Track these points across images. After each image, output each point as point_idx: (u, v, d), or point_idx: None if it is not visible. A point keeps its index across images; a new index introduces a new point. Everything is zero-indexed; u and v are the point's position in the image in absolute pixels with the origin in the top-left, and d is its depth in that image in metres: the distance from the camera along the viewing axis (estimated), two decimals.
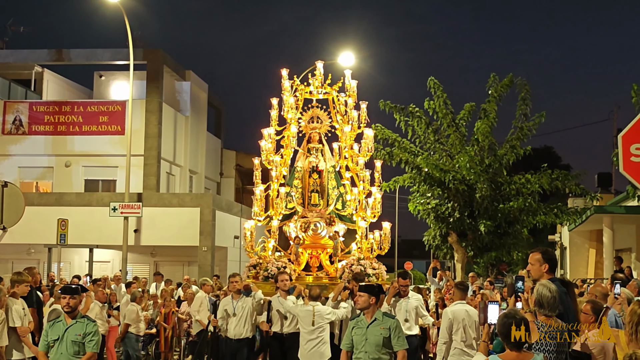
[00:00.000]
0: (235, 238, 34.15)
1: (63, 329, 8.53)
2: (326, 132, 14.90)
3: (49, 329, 8.65)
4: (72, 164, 35.32)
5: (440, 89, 22.70)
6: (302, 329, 11.38)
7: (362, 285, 8.95)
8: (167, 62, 36.18)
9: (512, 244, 22.44)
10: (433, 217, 22.50)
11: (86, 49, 36.93)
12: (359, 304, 8.83)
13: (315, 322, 11.23)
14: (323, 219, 14.11)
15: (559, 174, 21.85)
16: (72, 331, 8.50)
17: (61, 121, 35.08)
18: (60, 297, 8.86)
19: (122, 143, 32.25)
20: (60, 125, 35.08)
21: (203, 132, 41.20)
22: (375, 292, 8.73)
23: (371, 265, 13.45)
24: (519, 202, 21.38)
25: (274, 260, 13.73)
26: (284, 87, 14.54)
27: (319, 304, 11.48)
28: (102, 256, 32.75)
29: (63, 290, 8.70)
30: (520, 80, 22.76)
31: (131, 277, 26.08)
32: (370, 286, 8.89)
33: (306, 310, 11.41)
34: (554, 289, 6.12)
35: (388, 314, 8.95)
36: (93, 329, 8.53)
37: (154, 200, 31.78)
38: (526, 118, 22.58)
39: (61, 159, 35.27)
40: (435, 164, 21.40)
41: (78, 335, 8.45)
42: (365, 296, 8.70)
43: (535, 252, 6.75)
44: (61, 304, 8.73)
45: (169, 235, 31.34)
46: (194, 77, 39.62)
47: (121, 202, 28.66)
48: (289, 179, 14.74)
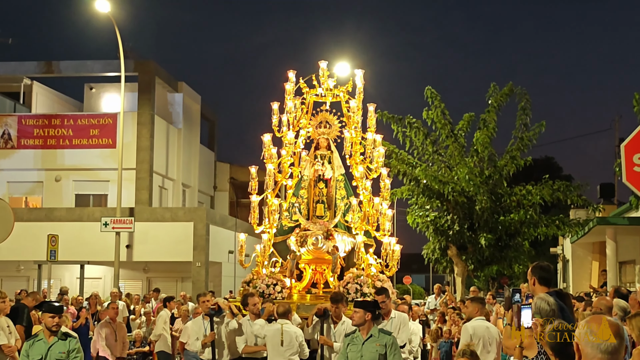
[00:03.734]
0: (230, 253, 34.06)
1: (45, 348, 8.45)
2: (335, 137, 14.26)
3: (29, 349, 8.52)
4: (62, 179, 35.24)
5: (437, 98, 22.70)
6: (270, 352, 10.64)
7: (357, 301, 8.93)
8: (159, 74, 36.18)
9: (514, 257, 22.43)
10: (432, 230, 22.49)
11: (76, 61, 36.93)
12: (354, 320, 8.76)
13: (284, 342, 10.50)
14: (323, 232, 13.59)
15: (560, 185, 21.87)
16: (55, 349, 8.43)
17: (51, 135, 35.04)
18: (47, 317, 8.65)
19: (114, 156, 32.23)
20: (50, 138, 35.04)
21: (196, 145, 41.17)
22: (371, 308, 8.69)
23: (372, 283, 12.96)
24: (520, 214, 21.39)
25: (266, 277, 13.34)
26: (287, 91, 13.96)
27: (287, 322, 10.77)
28: (94, 273, 32.60)
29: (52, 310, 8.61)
30: (520, 90, 22.81)
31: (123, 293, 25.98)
32: (365, 302, 8.87)
33: (274, 329, 10.68)
34: (552, 302, 6.15)
35: (384, 331, 8.89)
36: (76, 345, 8.49)
37: (146, 214, 31.71)
38: (526, 128, 22.61)
39: (51, 173, 35.20)
40: (433, 176, 21.40)
41: (62, 354, 8.40)
42: (361, 312, 8.67)
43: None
44: (49, 324, 8.57)
45: (161, 251, 31.25)
46: (186, 89, 39.62)
47: (113, 217, 28.59)
48: (295, 189, 14.35)
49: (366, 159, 13.87)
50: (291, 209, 14.01)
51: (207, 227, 31.76)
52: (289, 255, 13.60)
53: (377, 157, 13.73)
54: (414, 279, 55.14)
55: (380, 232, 13.49)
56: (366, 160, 13.86)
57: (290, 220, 13.99)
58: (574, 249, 29.64)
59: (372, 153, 13.76)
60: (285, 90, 14.06)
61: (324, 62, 14.16)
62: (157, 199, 36.22)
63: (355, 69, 14.43)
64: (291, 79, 14.15)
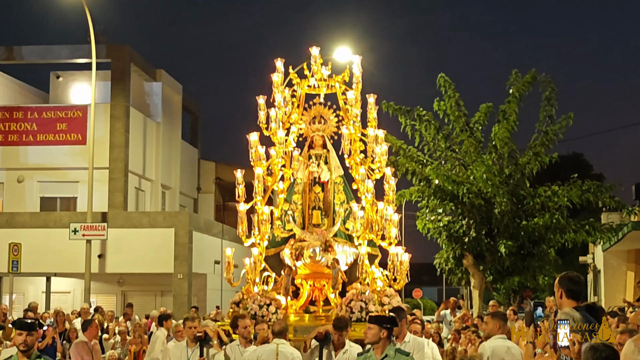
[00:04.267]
0: (216, 263, 34.00)
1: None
2: (332, 134, 14.03)
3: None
4: (26, 179, 35.11)
5: (451, 87, 22.66)
6: None
7: (372, 316, 8.82)
8: (134, 60, 36.07)
9: (538, 267, 22.40)
10: (445, 237, 22.43)
11: (41, 46, 36.85)
12: (367, 338, 8.69)
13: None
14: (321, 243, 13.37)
15: (590, 185, 21.80)
16: None
17: (12, 129, 34.89)
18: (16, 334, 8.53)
19: (84, 154, 32.07)
20: (12, 134, 34.89)
21: (177, 141, 41.10)
22: (387, 324, 8.54)
23: (379, 299, 12.79)
24: (544, 219, 21.30)
25: (258, 296, 13.10)
26: (275, 82, 13.71)
27: (284, 342, 10.55)
28: (61, 286, 32.53)
29: (18, 326, 8.45)
30: (545, 77, 22.79)
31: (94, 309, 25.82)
32: (381, 317, 8.78)
33: (268, 350, 10.46)
34: (578, 317, 6.15)
35: (401, 351, 8.75)
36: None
37: (120, 220, 31.61)
38: (551, 120, 22.59)
39: (13, 173, 35.06)
40: (446, 175, 21.32)
41: None
42: (375, 329, 8.56)
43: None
44: (17, 342, 8.44)
45: (138, 261, 31.18)
46: (166, 77, 39.53)
47: (83, 223, 28.50)
48: (287, 194, 14.17)
49: (367, 158, 13.69)
50: (284, 217, 13.84)
51: (190, 234, 31.69)
52: (284, 271, 13.42)
53: (380, 155, 13.53)
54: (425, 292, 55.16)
55: (386, 241, 13.34)
56: (367, 159, 13.67)
57: (283, 230, 13.85)
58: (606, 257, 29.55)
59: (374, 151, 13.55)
60: (273, 81, 13.90)
61: (315, 48, 13.95)
62: (133, 202, 36.11)
63: (353, 55, 14.29)
64: (279, 68, 13.97)
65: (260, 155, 13.58)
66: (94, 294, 30.07)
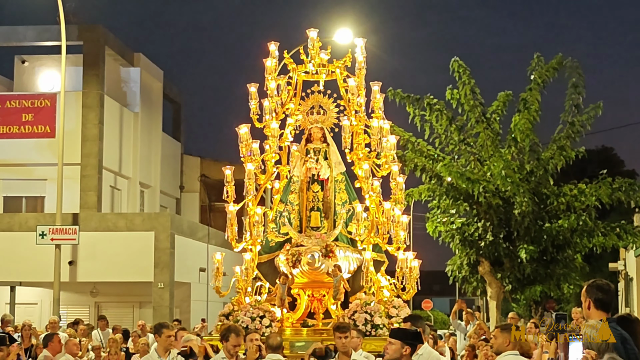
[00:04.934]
0: (201, 271, 34.03)
1: None
2: (332, 126, 14.20)
3: None
4: None
5: (466, 73, 22.74)
6: None
7: (394, 329, 8.74)
8: (109, 43, 36.11)
9: (562, 275, 22.50)
10: (458, 241, 22.56)
11: (4, 27, 36.89)
12: (387, 354, 8.50)
13: None
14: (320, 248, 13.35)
15: (621, 183, 21.93)
16: None
17: None
18: None
19: (52, 148, 32.16)
20: None
21: (158, 133, 41.14)
22: (410, 340, 8.46)
23: (385, 312, 12.83)
24: (570, 220, 21.46)
25: (250, 307, 13.13)
26: (268, 68, 13.85)
27: (280, 359, 10.58)
28: (28, 296, 32.55)
29: None
30: (571, 62, 22.85)
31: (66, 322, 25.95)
32: (404, 331, 8.70)
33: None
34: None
35: None
36: None
37: (94, 222, 31.66)
38: (578, 110, 22.71)
39: None
40: (460, 172, 21.45)
41: None
42: (398, 344, 8.35)
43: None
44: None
45: (114, 269, 31.18)
46: (144, 62, 39.58)
47: (51, 226, 28.49)
48: (283, 193, 14.21)
49: (372, 153, 13.77)
50: (279, 219, 13.88)
51: (172, 238, 31.73)
52: (278, 279, 13.43)
53: (387, 149, 13.61)
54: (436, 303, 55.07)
55: (394, 245, 13.43)
56: (372, 154, 13.77)
57: (278, 234, 13.88)
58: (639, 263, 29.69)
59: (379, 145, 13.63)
60: (266, 67, 13.96)
61: (313, 30, 14.00)
62: (108, 202, 36.19)
63: (356, 39, 14.36)
64: (273, 52, 14.04)
65: (252, 150, 13.66)
66: (64, 305, 30.04)
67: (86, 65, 34.88)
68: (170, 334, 11.61)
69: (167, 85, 42.69)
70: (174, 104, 45.66)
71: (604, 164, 31.31)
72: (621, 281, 33.52)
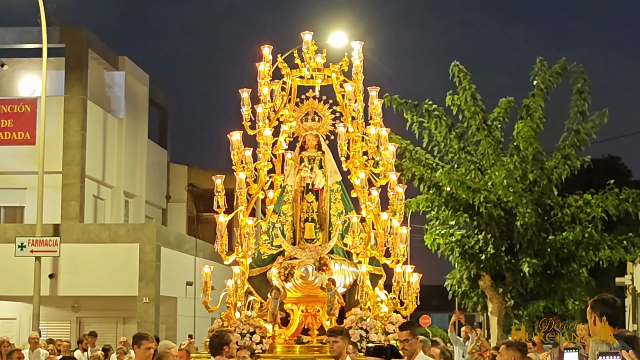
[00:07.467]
0: (188, 285, 33.96)
1: None
2: (327, 133, 14.27)
3: None
4: None
5: (467, 78, 22.79)
6: None
7: (370, 346, 8.85)
8: (92, 45, 36.09)
9: (567, 290, 22.54)
10: (458, 254, 22.57)
11: None
12: None
13: None
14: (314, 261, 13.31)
15: (629, 194, 21.98)
16: None
17: None
18: None
19: (33, 156, 32.10)
20: None
21: (143, 141, 41.12)
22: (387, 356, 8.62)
23: (382, 328, 12.81)
24: (575, 233, 21.47)
25: (240, 323, 13.11)
26: (261, 73, 13.92)
27: None
28: (6, 311, 32.52)
29: None
30: (576, 67, 22.90)
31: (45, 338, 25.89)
32: (380, 348, 8.80)
33: None
34: (617, 347, 6.23)
35: None
36: None
37: (76, 233, 31.59)
38: (584, 118, 22.75)
39: None
40: (460, 181, 21.43)
41: None
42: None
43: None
44: None
45: (96, 282, 31.12)
46: (130, 66, 39.56)
47: (31, 237, 28.45)
48: (276, 204, 14.18)
49: (369, 161, 13.76)
50: (271, 230, 13.89)
51: (158, 251, 31.68)
52: (270, 294, 13.49)
53: (385, 157, 13.62)
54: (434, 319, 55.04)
55: (392, 258, 13.43)
56: (369, 162, 13.75)
57: (270, 247, 13.90)
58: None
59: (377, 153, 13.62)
60: (258, 72, 13.97)
61: (308, 33, 14.08)
62: (91, 212, 36.14)
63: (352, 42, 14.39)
64: (266, 56, 14.06)
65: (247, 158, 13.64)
66: (44, 320, 29.96)
67: (68, 69, 34.84)
68: (150, 345, 11.55)
69: (153, 90, 42.65)
70: (160, 110, 45.65)
71: (610, 173, 31.38)
72: (628, 296, 33.55)
